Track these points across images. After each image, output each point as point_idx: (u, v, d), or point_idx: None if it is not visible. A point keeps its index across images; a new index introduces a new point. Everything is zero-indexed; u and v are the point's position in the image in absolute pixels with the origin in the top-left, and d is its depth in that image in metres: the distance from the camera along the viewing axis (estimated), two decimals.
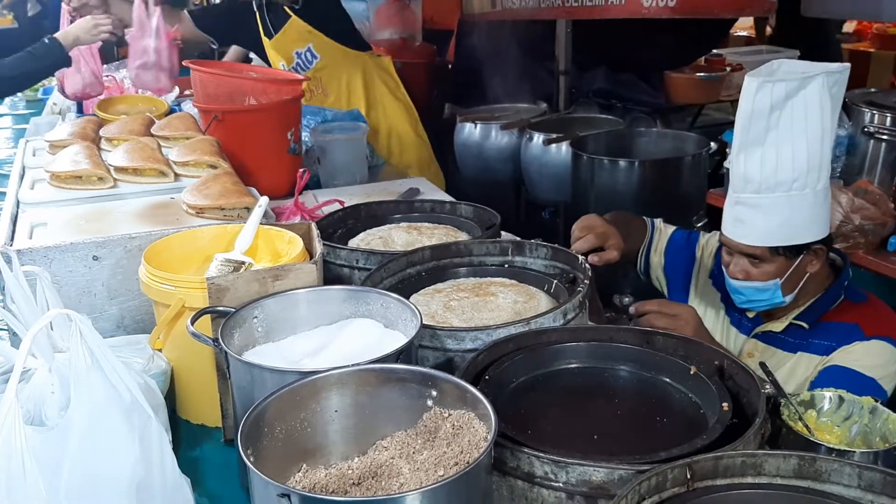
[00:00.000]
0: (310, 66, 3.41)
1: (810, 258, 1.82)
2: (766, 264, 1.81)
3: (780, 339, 1.92)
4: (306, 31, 3.36)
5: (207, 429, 1.53)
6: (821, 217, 1.79)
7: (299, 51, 3.40)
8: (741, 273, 1.85)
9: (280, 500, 0.92)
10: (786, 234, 1.78)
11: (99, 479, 1.05)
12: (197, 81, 2.57)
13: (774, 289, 1.83)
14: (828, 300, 1.88)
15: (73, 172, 2.04)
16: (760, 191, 1.75)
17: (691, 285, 2.17)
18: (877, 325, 1.83)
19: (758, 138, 1.73)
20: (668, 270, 2.20)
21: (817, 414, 1.29)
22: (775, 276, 1.82)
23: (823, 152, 1.72)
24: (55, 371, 1.18)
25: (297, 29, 3.35)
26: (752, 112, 1.72)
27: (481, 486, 1.01)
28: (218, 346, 1.27)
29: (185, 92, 3.69)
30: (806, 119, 1.69)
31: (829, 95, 1.69)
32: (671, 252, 2.20)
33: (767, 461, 1.01)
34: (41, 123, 3.53)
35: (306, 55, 3.41)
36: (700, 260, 2.16)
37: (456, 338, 1.37)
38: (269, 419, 1.09)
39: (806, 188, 1.73)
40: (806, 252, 1.81)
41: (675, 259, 2.19)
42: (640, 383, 1.32)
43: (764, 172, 1.74)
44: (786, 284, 1.83)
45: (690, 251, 2.17)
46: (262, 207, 1.70)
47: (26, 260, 1.57)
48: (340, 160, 2.69)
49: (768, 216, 1.77)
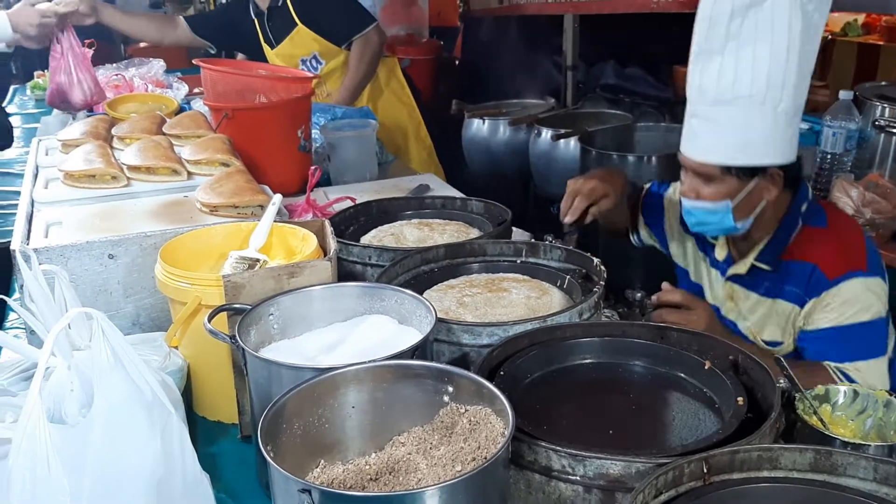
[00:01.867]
0: (315, 71, 3.43)
1: (766, 184, 1.74)
2: (718, 184, 1.73)
3: (751, 283, 1.87)
4: (312, 38, 3.36)
5: (224, 425, 1.54)
6: (780, 141, 1.68)
7: (304, 58, 3.42)
8: (692, 192, 1.77)
9: (301, 495, 0.93)
10: (739, 153, 1.69)
11: (121, 475, 1.06)
12: (207, 79, 2.58)
13: (725, 211, 1.74)
14: (785, 232, 1.80)
15: (86, 171, 2.05)
16: (716, 103, 1.66)
17: (667, 235, 2.12)
18: (836, 260, 1.75)
19: (716, 46, 1.64)
20: (652, 228, 2.16)
21: (832, 408, 1.29)
22: (726, 197, 1.73)
23: (788, 71, 1.62)
24: (74, 369, 1.19)
25: (303, 37, 3.36)
26: (710, 17, 1.63)
27: (499, 480, 1.02)
28: (235, 343, 1.28)
29: (195, 90, 3.71)
30: (772, 32, 1.60)
31: (800, 12, 1.60)
32: (648, 208, 2.16)
33: (783, 455, 1.02)
34: (51, 122, 3.54)
35: (311, 62, 3.43)
36: (668, 207, 2.10)
37: (472, 333, 1.38)
38: (288, 415, 1.10)
39: (765, 105, 1.63)
40: (761, 176, 1.72)
41: (653, 214, 2.15)
42: (655, 378, 1.32)
43: (721, 84, 1.65)
44: (738, 209, 1.74)
45: (661, 201, 2.13)
46: (276, 205, 1.70)
47: (43, 259, 1.58)
48: (350, 157, 2.70)
49: (722, 132, 1.68)
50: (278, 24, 3.39)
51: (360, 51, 3.39)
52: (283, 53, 3.43)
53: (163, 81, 3.75)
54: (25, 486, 0.98)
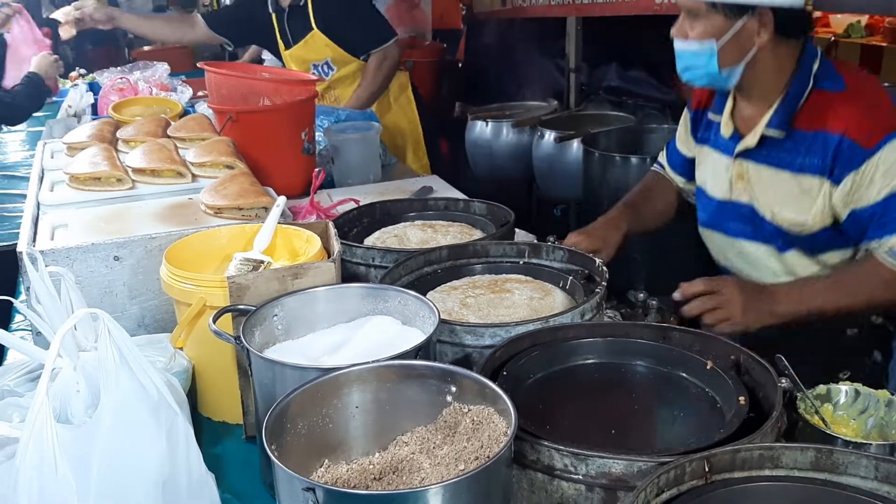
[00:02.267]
0: (326, 77, 3.41)
1: (755, 25, 1.64)
2: (704, 22, 1.66)
3: (764, 156, 1.77)
4: (325, 44, 3.35)
5: (229, 426, 1.55)
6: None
7: (317, 63, 3.40)
8: (681, 33, 1.72)
9: (305, 493, 0.93)
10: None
11: (128, 475, 1.07)
12: (211, 83, 2.59)
13: (710, 54, 1.66)
14: (794, 93, 1.70)
15: (91, 174, 2.07)
16: None
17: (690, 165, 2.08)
18: (867, 125, 1.63)
19: None
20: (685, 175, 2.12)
21: (833, 408, 1.30)
22: (711, 36, 1.65)
23: None
24: (80, 370, 1.20)
25: (318, 43, 3.35)
26: None
27: (502, 479, 1.02)
28: (240, 344, 1.29)
29: (199, 93, 3.73)
30: None
31: None
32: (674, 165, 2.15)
33: (785, 454, 1.02)
34: (56, 126, 3.56)
35: (323, 67, 3.41)
36: (680, 141, 2.10)
37: (475, 334, 1.39)
38: (292, 415, 1.11)
39: None
40: (749, 15, 1.63)
41: (679, 162, 2.13)
42: (657, 378, 1.33)
43: None
44: (724, 52, 1.66)
45: (674, 145, 2.13)
46: (279, 207, 1.71)
47: (49, 261, 1.59)
48: (354, 159, 2.71)
49: None
50: (297, 24, 3.36)
51: (378, 64, 3.36)
52: (296, 56, 3.41)
53: (167, 85, 3.77)
54: (33, 485, 0.99)
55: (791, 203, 1.76)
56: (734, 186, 1.85)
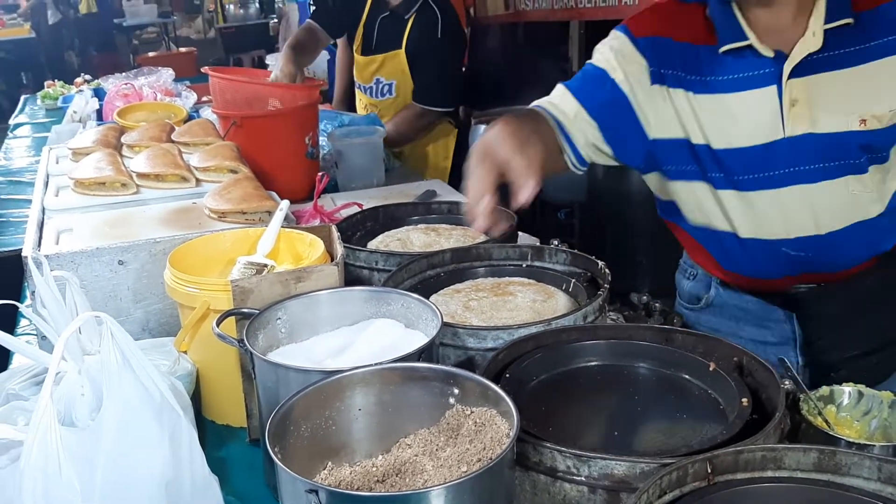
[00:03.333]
0: (381, 97, 3.32)
1: None
2: None
3: (831, 59, 1.46)
4: (401, 70, 3.23)
5: (232, 429, 1.55)
6: None
7: (382, 79, 3.29)
8: None
9: (308, 496, 0.94)
10: None
11: (131, 478, 1.07)
12: (216, 88, 2.61)
13: None
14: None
15: (96, 179, 2.08)
16: None
17: (634, 104, 1.56)
18: None
19: None
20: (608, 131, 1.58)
21: (837, 409, 1.29)
22: None
23: None
24: (84, 373, 1.21)
25: (397, 64, 3.23)
26: None
27: (504, 481, 1.03)
28: (243, 347, 1.29)
29: (204, 98, 3.74)
30: None
31: None
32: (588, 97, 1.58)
33: (787, 455, 1.02)
34: (62, 131, 3.58)
35: (385, 87, 3.29)
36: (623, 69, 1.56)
37: (477, 336, 1.39)
38: (295, 418, 1.11)
39: None
40: None
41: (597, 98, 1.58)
42: (660, 380, 1.33)
43: None
44: None
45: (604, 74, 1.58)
46: (283, 211, 1.72)
47: (54, 265, 1.60)
48: (357, 164, 2.72)
49: None
50: (387, 33, 3.23)
51: (414, 118, 3.23)
52: (370, 64, 3.27)
53: (172, 90, 3.79)
54: (37, 488, 0.99)
55: (878, 97, 1.48)
56: (788, 118, 1.48)
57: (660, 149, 1.58)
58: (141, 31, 12.11)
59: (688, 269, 1.88)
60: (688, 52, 1.53)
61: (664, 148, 1.57)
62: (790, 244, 1.57)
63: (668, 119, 1.55)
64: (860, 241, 1.59)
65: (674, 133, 1.56)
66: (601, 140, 1.59)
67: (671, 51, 1.54)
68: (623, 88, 1.56)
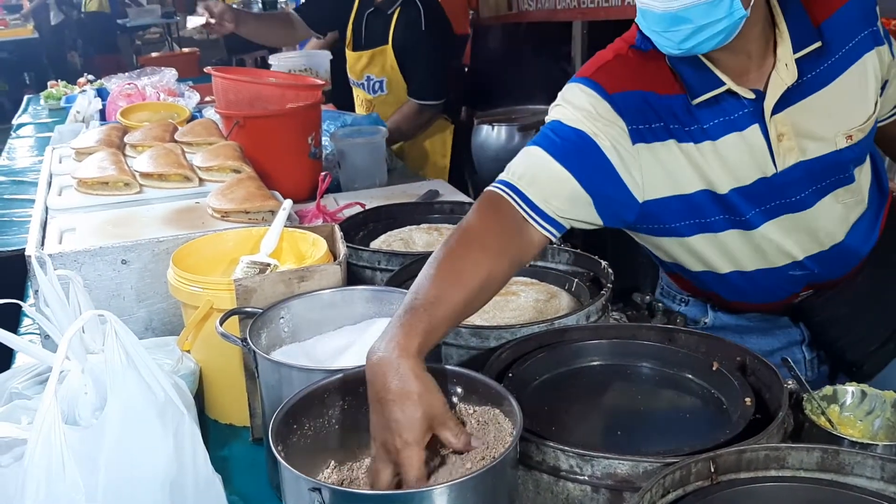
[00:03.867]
0: (373, 94, 3.34)
1: None
2: None
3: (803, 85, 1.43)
4: (390, 65, 3.26)
5: (235, 428, 1.55)
6: None
7: (372, 76, 3.31)
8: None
9: (311, 494, 0.94)
10: None
11: (135, 477, 1.07)
12: (218, 88, 2.61)
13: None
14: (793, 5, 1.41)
15: (99, 179, 2.08)
16: None
17: (621, 172, 1.43)
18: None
19: None
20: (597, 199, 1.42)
21: (840, 409, 1.29)
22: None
23: None
24: (88, 372, 1.21)
25: (386, 59, 3.26)
26: None
27: (507, 480, 1.03)
28: (246, 346, 1.29)
29: (206, 98, 3.74)
30: None
31: None
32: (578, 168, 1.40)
33: (791, 454, 1.02)
34: (65, 131, 3.59)
35: (375, 84, 3.32)
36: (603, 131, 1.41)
37: (480, 336, 1.39)
38: (298, 417, 1.11)
39: None
40: None
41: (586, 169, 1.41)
42: (663, 380, 1.33)
43: None
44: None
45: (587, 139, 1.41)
46: (286, 210, 1.72)
47: (57, 264, 1.60)
48: (360, 164, 2.72)
49: None
50: (375, 30, 3.26)
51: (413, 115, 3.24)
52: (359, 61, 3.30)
53: (175, 90, 3.78)
54: (41, 487, 0.99)
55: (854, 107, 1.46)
56: (777, 153, 1.45)
57: (650, 210, 1.49)
58: (144, 31, 12.12)
59: (676, 296, 1.80)
60: (663, 103, 1.44)
61: (655, 208, 1.49)
62: (797, 266, 1.56)
63: (656, 177, 1.46)
64: (858, 241, 1.60)
65: (664, 191, 1.48)
66: (592, 212, 1.44)
67: (647, 105, 1.44)
68: (609, 157, 1.41)
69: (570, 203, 1.40)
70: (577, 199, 1.40)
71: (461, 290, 1.20)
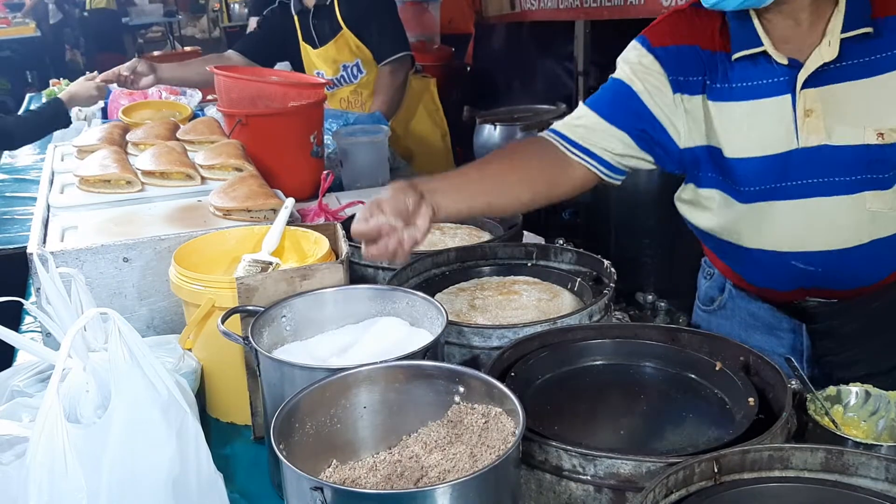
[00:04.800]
0: (355, 80, 3.38)
1: None
2: None
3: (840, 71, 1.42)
4: (356, 45, 3.32)
5: (237, 427, 1.55)
6: None
7: (347, 64, 3.36)
8: None
9: (313, 493, 0.93)
10: None
11: (138, 475, 1.07)
12: (221, 86, 2.60)
13: None
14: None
15: (101, 176, 2.08)
16: None
17: (658, 115, 1.55)
18: None
19: None
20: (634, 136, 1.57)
21: (844, 409, 1.29)
22: None
23: None
24: (90, 370, 1.21)
25: (348, 43, 3.31)
26: None
27: (510, 479, 1.02)
28: (248, 345, 1.29)
29: (209, 97, 3.74)
30: None
31: None
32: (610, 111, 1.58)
33: (794, 455, 1.02)
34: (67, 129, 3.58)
35: (353, 69, 3.36)
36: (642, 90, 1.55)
37: (482, 335, 1.39)
38: (300, 415, 1.11)
39: None
40: None
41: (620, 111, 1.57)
42: (666, 379, 1.32)
43: None
44: None
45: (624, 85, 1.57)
46: (288, 209, 1.72)
47: (59, 262, 1.60)
48: (363, 163, 2.72)
49: None
50: (323, 24, 3.33)
51: (391, 77, 3.31)
52: (327, 56, 3.35)
53: (177, 89, 3.78)
54: (43, 484, 0.99)
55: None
56: (802, 128, 1.45)
57: (690, 158, 1.57)
58: (146, 30, 12.13)
59: (706, 269, 1.85)
60: (704, 58, 1.51)
61: (694, 157, 1.56)
62: (799, 257, 1.54)
63: (693, 128, 1.54)
64: (877, 260, 1.53)
65: (699, 141, 1.55)
66: (636, 149, 1.58)
67: (688, 58, 1.53)
68: (643, 99, 1.54)
69: (606, 144, 1.57)
70: (613, 140, 1.56)
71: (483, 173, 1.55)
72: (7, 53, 10.25)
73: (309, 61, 3.42)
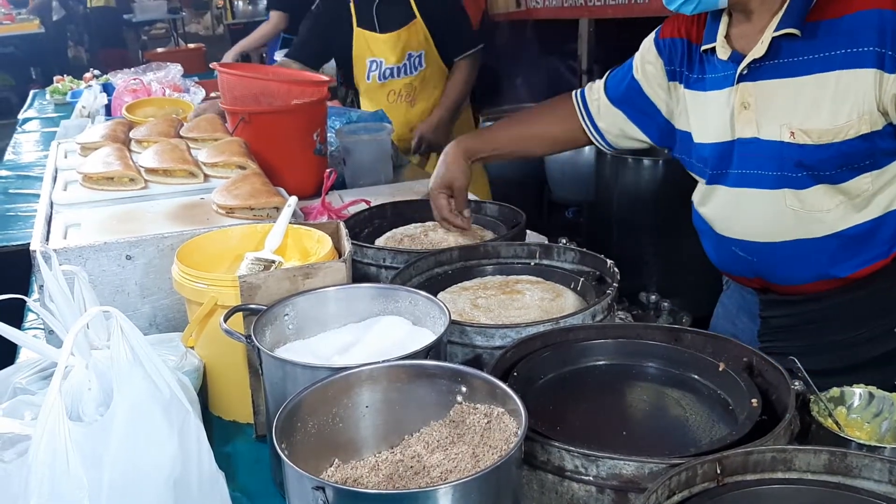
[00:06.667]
0: (415, 71, 3.34)
1: None
2: None
3: (773, 68, 1.51)
4: (425, 36, 3.29)
5: (239, 425, 1.55)
6: None
7: (413, 53, 3.31)
8: None
9: (315, 492, 0.93)
10: None
11: (139, 473, 1.07)
12: (224, 84, 2.60)
13: None
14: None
15: (104, 174, 2.08)
16: None
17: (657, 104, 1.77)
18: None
19: None
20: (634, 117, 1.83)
21: (847, 411, 1.28)
22: None
23: None
24: (92, 368, 1.21)
25: (419, 32, 3.27)
26: None
27: (512, 480, 1.02)
28: (250, 343, 1.29)
29: (212, 94, 3.74)
30: None
31: None
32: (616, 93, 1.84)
33: (798, 456, 1.01)
34: (70, 126, 3.59)
35: (417, 60, 3.32)
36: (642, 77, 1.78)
37: (485, 335, 1.38)
38: (302, 414, 1.11)
39: None
40: None
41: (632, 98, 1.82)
42: (669, 380, 1.32)
43: None
44: None
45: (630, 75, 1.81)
46: (291, 207, 1.72)
47: (62, 259, 1.60)
48: (366, 160, 2.71)
49: None
50: (391, 10, 3.25)
51: (468, 71, 3.28)
52: (396, 42, 3.26)
53: (180, 86, 3.79)
54: (44, 482, 0.99)
55: (816, 111, 1.48)
56: (737, 120, 1.56)
57: (682, 139, 1.73)
58: (150, 27, 12.14)
59: None
60: (689, 50, 1.68)
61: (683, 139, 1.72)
62: (738, 245, 1.65)
63: (681, 112, 1.71)
64: (800, 260, 1.59)
65: (684, 126, 1.71)
66: (633, 128, 1.82)
67: (679, 50, 1.70)
68: (638, 80, 1.77)
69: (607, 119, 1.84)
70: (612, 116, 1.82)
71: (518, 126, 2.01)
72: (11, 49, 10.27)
73: (365, 47, 3.31)
